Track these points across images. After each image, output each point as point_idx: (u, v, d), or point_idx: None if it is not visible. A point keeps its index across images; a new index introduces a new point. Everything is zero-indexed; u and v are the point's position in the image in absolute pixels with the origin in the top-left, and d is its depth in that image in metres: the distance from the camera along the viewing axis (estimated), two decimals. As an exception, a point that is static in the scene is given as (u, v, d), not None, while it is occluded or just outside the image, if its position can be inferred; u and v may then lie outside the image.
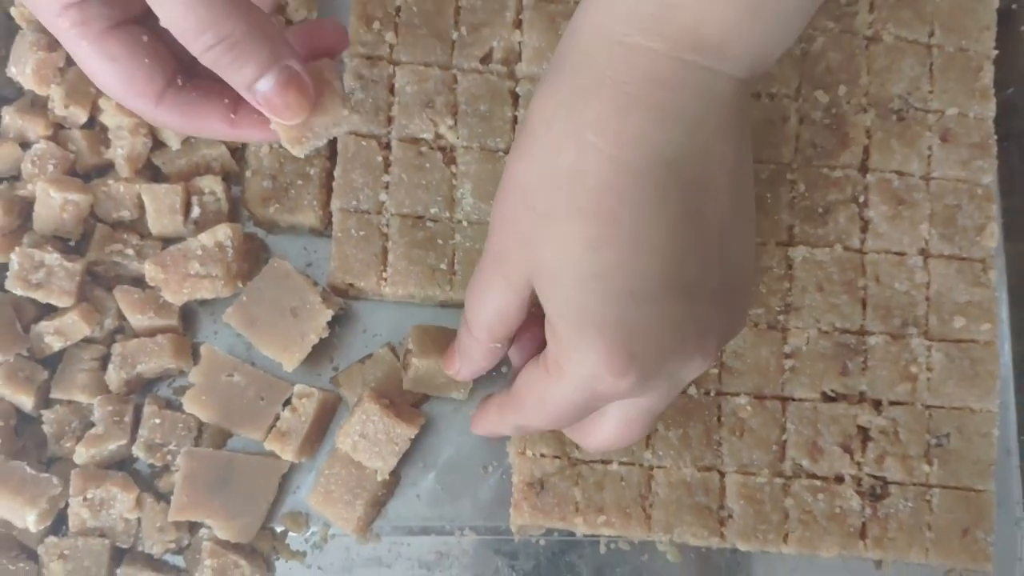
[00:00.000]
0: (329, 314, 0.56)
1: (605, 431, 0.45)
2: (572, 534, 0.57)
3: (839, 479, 0.56)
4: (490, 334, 0.46)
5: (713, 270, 0.41)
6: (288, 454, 0.55)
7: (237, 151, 0.60)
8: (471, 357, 0.49)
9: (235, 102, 0.46)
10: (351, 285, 0.57)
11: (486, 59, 0.60)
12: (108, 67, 0.44)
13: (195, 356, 0.58)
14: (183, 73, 0.46)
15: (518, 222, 0.42)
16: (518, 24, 0.60)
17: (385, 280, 0.57)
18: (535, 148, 0.41)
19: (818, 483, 0.56)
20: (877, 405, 0.57)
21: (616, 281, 0.39)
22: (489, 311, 0.45)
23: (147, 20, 0.43)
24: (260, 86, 0.42)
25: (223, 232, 0.56)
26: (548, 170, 0.40)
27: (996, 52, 0.60)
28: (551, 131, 0.41)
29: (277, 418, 0.56)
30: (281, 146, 0.56)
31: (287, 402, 0.57)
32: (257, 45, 0.41)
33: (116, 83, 0.44)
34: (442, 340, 0.56)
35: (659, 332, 0.40)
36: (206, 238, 0.56)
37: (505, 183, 0.43)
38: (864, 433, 0.56)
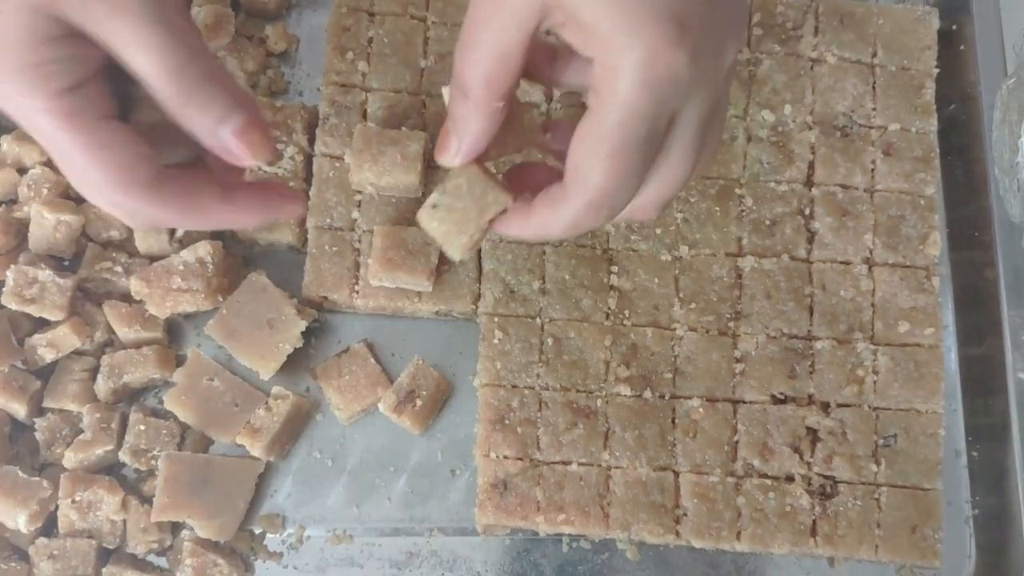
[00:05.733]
0: (303, 325, 0.59)
1: (685, 150, 0.41)
2: (536, 534, 0.60)
3: (789, 478, 0.58)
4: (489, 88, 0.41)
5: None
6: (257, 450, 0.59)
7: (220, 174, 0.64)
8: (469, 127, 0.43)
9: (227, 187, 0.47)
10: (325, 298, 0.60)
11: (452, 85, 0.63)
12: (101, 157, 0.42)
13: (180, 367, 0.61)
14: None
15: None
16: (482, 52, 0.63)
17: (357, 292, 0.60)
18: None
19: (769, 482, 0.58)
20: (825, 407, 0.59)
21: None
22: (488, 58, 0.40)
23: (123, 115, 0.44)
24: (223, 130, 0.43)
25: (203, 249, 0.59)
26: None
27: (938, 70, 0.63)
28: None
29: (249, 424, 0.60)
30: (263, 169, 0.61)
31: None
32: (219, 91, 0.42)
33: (111, 174, 0.42)
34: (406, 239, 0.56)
35: (701, 4, 0.38)
36: (188, 254, 0.60)
37: None
38: (813, 434, 0.59)
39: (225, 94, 0.43)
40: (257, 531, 0.60)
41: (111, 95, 0.43)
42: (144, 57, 0.41)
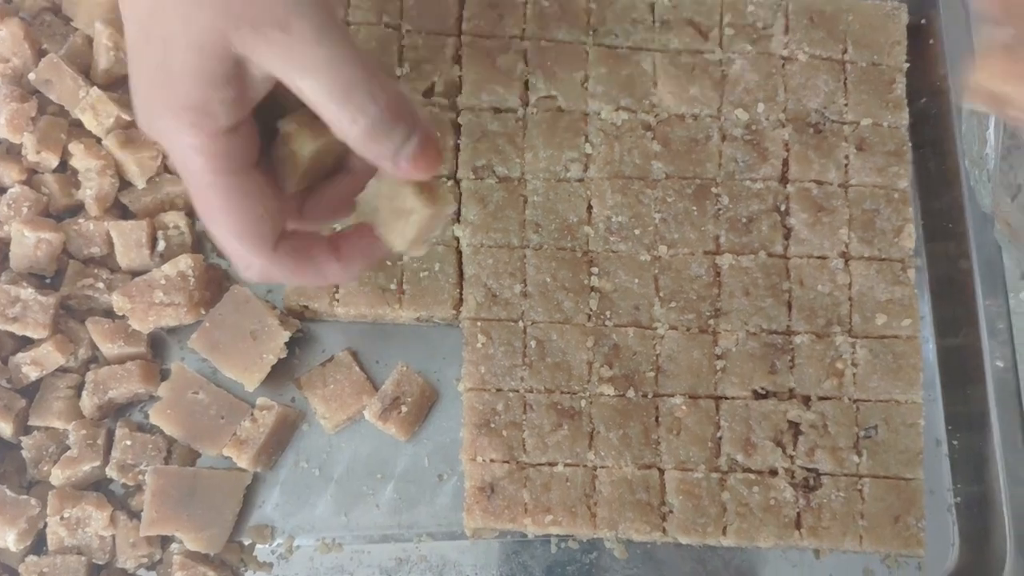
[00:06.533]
0: (286, 335, 0.60)
1: None
2: (524, 535, 0.60)
3: (773, 472, 0.59)
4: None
5: None
6: (244, 461, 0.59)
7: (200, 188, 0.64)
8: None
9: (335, 240, 0.47)
10: (306, 307, 0.61)
11: (428, 92, 0.64)
12: (238, 205, 0.42)
13: (165, 381, 0.61)
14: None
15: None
16: (457, 59, 0.64)
17: (337, 301, 0.60)
18: None
19: (753, 476, 0.58)
20: (806, 400, 0.60)
21: None
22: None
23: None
24: (404, 152, 0.43)
25: (184, 262, 0.60)
26: None
27: (908, 65, 0.64)
28: None
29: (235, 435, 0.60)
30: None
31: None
32: (399, 114, 0.42)
33: (241, 225, 0.43)
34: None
35: None
36: (169, 268, 0.60)
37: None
38: (795, 428, 0.59)
39: (405, 116, 0.42)
40: (246, 542, 0.61)
41: (258, 135, 0.44)
42: (319, 86, 0.40)
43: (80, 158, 0.62)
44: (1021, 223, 0.57)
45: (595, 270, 0.61)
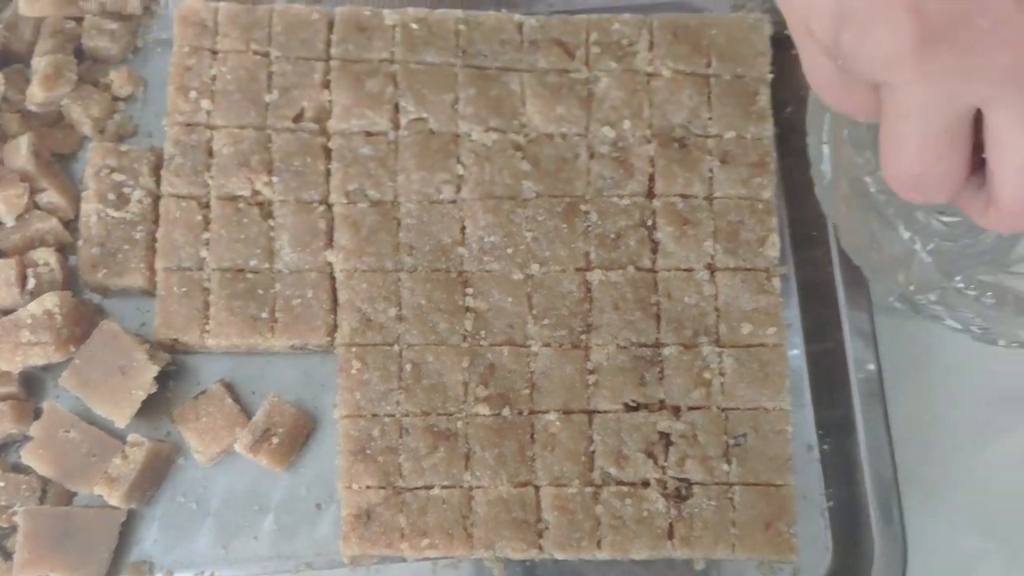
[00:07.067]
0: (155, 370, 0.59)
1: None
2: (404, 559, 0.60)
3: (645, 483, 0.59)
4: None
5: None
6: (115, 499, 0.58)
7: (71, 223, 0.64)
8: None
9: None
10: (176, 340, 0.60)
11: (298, 118, 0.64)
12: None
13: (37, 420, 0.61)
14: None
15: None
16: (326, 84, 0.64)
17: (208, 332, 0.60)
18: None
19: (625, 489, 0.59)
20: (676, 411, 0.60)
21: None
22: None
23: None
24: None
25: (50, 300, 0.59)
26: None
27: (772, 76, 0.65)
28: None
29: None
30: (110, 215, 0.61)
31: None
32: None
33: None
34: None
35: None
36: (34, 307, 0.59)
37: None
38: (666, 438, 0.60)
39: None
40: (126, 579, 0.60)
41: None
42: None
43: (-57, 198, 0.61)
44: (851, 235, 0.58)
45: (469, 290, 0.62)
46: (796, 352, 0.65)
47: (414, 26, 0.65)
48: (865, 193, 0.54)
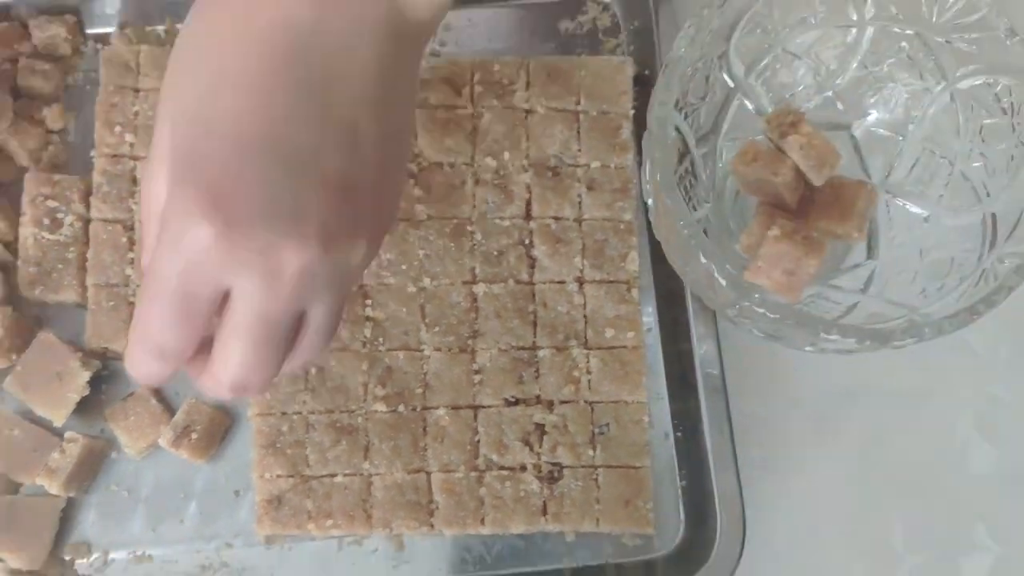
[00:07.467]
0: (87, 375, 0.67)
1: (232, 351, 0.47)
2: (313, 538, 0.69)
3: (522, 468, 0.69)
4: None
5: (331, 158, 0.42)
6: (55, 487, 0.66)
7: (10, 244, 0.71)
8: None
9: None
10: (106, 348, 0.68)
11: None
12: None
13: (-18, 421, 0.68)
14: None
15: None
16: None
17: (136, 342, 0.68)
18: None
19: (505, 473, 0.68)
20: (550, 405, 0.70)
21: (217, 125, 0.40)
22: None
23: None
24: None
25: (-7, 316, 0.67)
26: (185, 43, 0.46)
27: (634, 111, 0.74)
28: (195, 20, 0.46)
29: (47, 465, 0.67)
30: (45, 237, 0.68)
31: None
32: None
33: None
34: None
35: (249, 186, 0.40)
36: (-23, 322, 0.67)
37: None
38: (540, 429, 0.69)
39: None
40: (67, 558, 0.68)
41: None
42: None
43: None
44: (671, 255, 0.67)
45: (369, 302, 0.70)
46: (655, 352, 0.74)
47: (320, 66, 0.73)
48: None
